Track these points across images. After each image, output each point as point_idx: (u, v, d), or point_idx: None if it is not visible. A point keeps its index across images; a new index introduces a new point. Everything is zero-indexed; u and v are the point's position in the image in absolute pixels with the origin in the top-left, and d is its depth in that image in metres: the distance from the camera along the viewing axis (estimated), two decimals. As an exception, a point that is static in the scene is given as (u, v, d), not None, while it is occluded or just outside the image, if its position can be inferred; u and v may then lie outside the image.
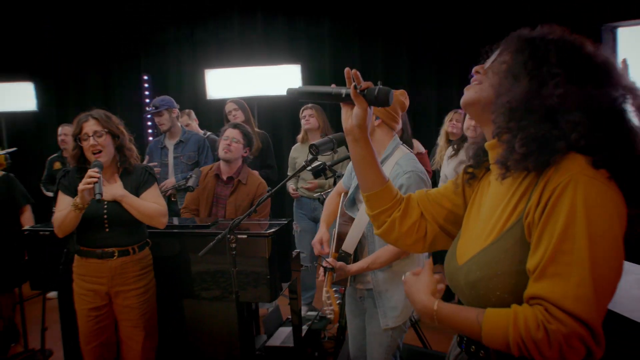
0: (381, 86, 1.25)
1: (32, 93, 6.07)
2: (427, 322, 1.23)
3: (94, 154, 2.51)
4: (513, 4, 5.31)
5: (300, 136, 4.63)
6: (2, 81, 6.09)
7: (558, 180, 1.02)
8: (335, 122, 4.29)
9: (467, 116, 3.61)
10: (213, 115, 6.11)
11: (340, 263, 2.19)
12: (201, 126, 5.63)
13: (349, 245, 2.29)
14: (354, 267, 2.20)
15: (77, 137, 2.54)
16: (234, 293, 2.36)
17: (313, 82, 6.15)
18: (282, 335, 3.48)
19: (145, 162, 4.43)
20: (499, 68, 1.16)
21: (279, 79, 5.80)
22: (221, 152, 3.46)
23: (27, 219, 4.04)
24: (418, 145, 4.15)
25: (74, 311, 2.66)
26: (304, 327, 3.46)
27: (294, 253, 3.19)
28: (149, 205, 2.59)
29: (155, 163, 4.39)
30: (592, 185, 1.00)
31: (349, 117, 1.30)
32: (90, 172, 2.39)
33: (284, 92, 4.65)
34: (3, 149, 5.20)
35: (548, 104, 1.05)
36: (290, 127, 6.33)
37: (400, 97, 2.29)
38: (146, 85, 6.85)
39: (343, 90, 1.29)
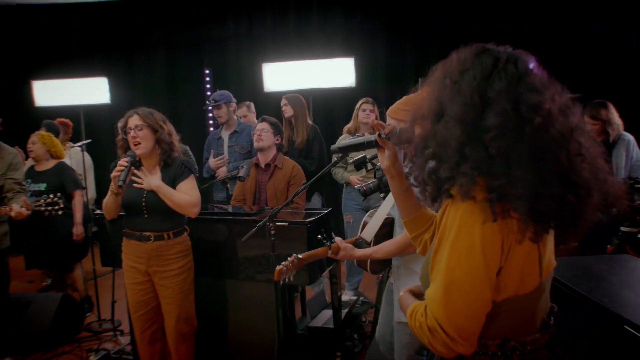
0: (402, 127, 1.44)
1: (106, 87, 6.51)
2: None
3: (134, 145, 2.81)
4: None
5: (349, 127, 4.81)
6: (80, 77, 6.63)
7: (445, 203, 1.21)
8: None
9: None
10: (271, 107, 6.38)
11: (347, 245, 2.38)
12: (258, 118, 5.93)
13: (367, 234, 2.49)
14: (359, 252, 2.39)
15: (124, 129, 2.86)
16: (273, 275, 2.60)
17: (366, 76, 6.32)
18: (324, 317, 3.73)
19: (212, 156, 4.76)
20: None
21: (333, 72, 5.96)
22: (255, 144, 3.81)
23: (77, 203, 4.49)
24: None
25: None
26: (345, 311, 3.69)
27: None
28: (181, 196, 2.85)
29: (222, 156, 4.70)
30: (463, 208, 1.16)
31: (383, 159, 1.51)
32: (121, 161, 2.73)
33: (337, 85, 4.88)
34: (80, 139, 5.67)
35: None
36: (345, 119, 6.52)
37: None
38: (207, 78, 7.24)
39: (373, 138, 1.49)
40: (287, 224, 3.00)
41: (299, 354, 3.45)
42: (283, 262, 2.29)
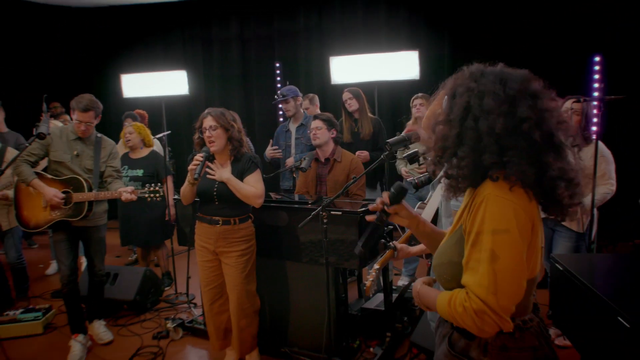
0: (392, 190, 1.65)
1: (185, 80, 6.97)
2: (417, 303, 1.65)
3: (209, 143, 3.17)
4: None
5: (410, 122, 4.98)
6: (162, 70, 7.16)
7: (477, 199, 1.38)
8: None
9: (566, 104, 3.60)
10: (338, 99, 6.61)
11: (402, 245, 2.58)
12: (326, 109, 6.17)
13: None
14: (415, 248, 2.58)
15: (200, 129, 3.22)
16: (324, 259, 2.89)
17: (430, 69, 6.41)
18: (378, 300, 3.97)
19: (270, 146, 5.11)
20: None
21: (398, 65, 6.08)
22: (312, 141, 4.06)
23: (169, 188, 4.96)
24: None
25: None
26: (396, 295, 3.92)
27: (387, 228, 3.63)
28: (248, 188, 3.18)
29: (276, 147, 5.04)
30: (496, 202, 1.34)
31: (400, 219, 1.70)
32: (197, 156, 3.11)
33: (402, 77, 5.05)
34: (161, 128, 6.17)
35: None
36: (408, 111, 6.65)
37: None
38: (277, 71, 7.57)
39: (383, 218, 1.67)
40: (340, 213, 3.25)
41: (352, 333, 3.72)
42: (370, 278, 2.55)
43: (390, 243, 2.50)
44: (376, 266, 2.59)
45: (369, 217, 1.70)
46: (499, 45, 6.27)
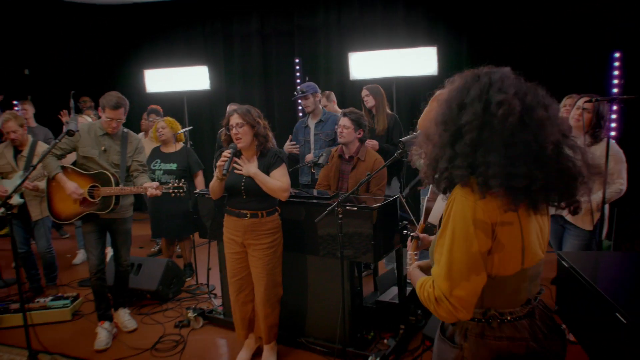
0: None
1: (206, 75, 7.12)
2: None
3: (236, 140, 3.28)
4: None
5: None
6: (184, 66, 7.31)
7: (450, 198, 1.52)
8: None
9: (578, 103, 3.61)
10: (357, 94, 6.68)
11: (423, 234, 2.68)
12: (345, 104, 6.26)
13: (433, 218, 2.77)
14: (432, 238, 2.67)
15: (227, 126, 3.34)
16: (339, 252, 3.00)
17: (449, 65, 6.44)
18: (392, 293, 4.07)
19: (289, 141, 5.22)
20: None
21: (417, 61, 6.11)
22: (338, 138, 4.13)
23: (200, 182, 5.12)
24: None
25: (226, 255, 3.55)
26: (410, 288, 4.01)
27: (402, 224, 3.73)
28: (274, 182, 3.29)
29: (294, 142, 5.15)
30: (461, 202, 1.47)
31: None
32: (224, 153, 3.22)
33: (420, 73, 5.12)
34: (183, 121, 6.33)
35: None
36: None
37: None
38: (297, 67, 7.67)
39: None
40: (356, 208, 3.36)
41: (367, 325, 3.83)
42: (409, 261, 2.66)
43: (413, 234, 2.59)
44: (412, 252, 2.67)
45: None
46: (518, 41, 6.27)
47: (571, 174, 1.46)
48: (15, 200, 4.64)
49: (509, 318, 1.54)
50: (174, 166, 5.05)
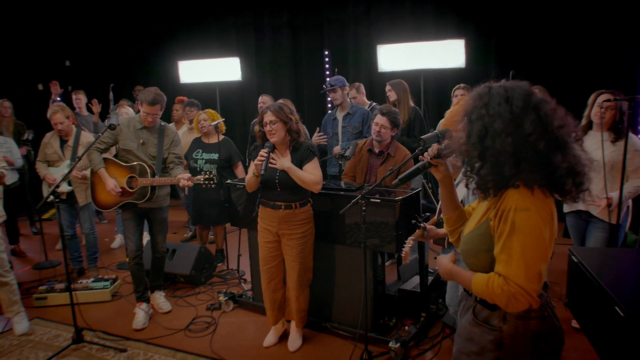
0: (442, 147, 1.92)
1: (237, 66, 7.31)
2: (445, 278, 1.94)
3: (270, 136, 3.44)
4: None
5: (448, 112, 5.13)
6: (217, 57, 7.53)
7: (506, 205, 1.64)
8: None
9: (598, 100, 3.65)
10: (385, 86, 6.82)
11: (432, 227, 2.81)
12: (374, 96, 6.37)
13: None
14: (441, 231, 2.80)
15: (261, 123, 3.51)
16: (362, 243, 3.17)
17: (477, 58, 6.50)
18: (414, 282, 4.22)
19: (316, 133, 5.38)
20: None
21: (444, 53, 6.16)
22: (373, 135, 4.23)
23: (240, 172, 5.32)
24: None
25: (257, 242, 3.74)
26: (432, 278, 4.15)
27: (424, 215, 3.87)
28: (307, 175, 3.45)
29: (321, 134, 5.31)
30: (524, 207, 1.61)
31: (437, 172, 1.98)
32: (261, 152, 3.38)
33: (448, 66, 5.20)
34: (217, 113, 6.53)
35: None
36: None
37: None
38: (326, 59, 7.78)
39: (426, 162, 1.97)
40: (379, 200, 3.51)
41: (389, 312, 3.99)
42: (404, 248, 2.81)
43: (421, 224, 2.73)
44: (411, 237, 2.82)
45: (421, 157, 2.00)
46: (548, 36, 6.27)
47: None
48: (64, 187, 4.93)
49: (540, 299, 1.71)
50: (215, 156, 5.23)
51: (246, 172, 3.82)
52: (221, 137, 5.33)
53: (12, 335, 4.11)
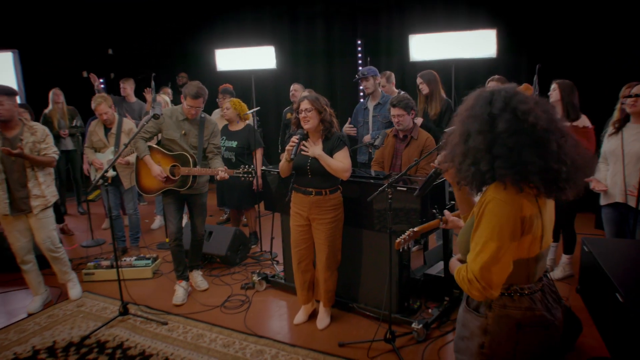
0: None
1: (272, 55, 7.48)
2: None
3: (304, 122, 3.65)
4: None
5: None
6: (252, 46, 7.72)
7: (483, 199, 1.80)
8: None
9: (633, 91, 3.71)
10: (416, 76, 6.91)
11: (454, 218, 2.95)
12: (406, 86, 6.48)
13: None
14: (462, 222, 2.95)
15: (297, 110, 3.72)
16: (388, 228, 3.37)
17: (509, 48, 6.53)
18: (439, 267, 4.40)
19: (348, 123, 5.55)
20: None
21: (476, 43, 6.20)
22: (396, 126, 4.45)
23: (258, 159, 5.56)
24: (584, 120, 4.39)
25: (289, 227, 3.96)
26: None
27: (449, 204, 4.03)
28: (336, 163, 3.64)
29: (351, 125, 5.48)
30: (495, 201, 1.75)
31: (448, 176, 2.11)
32: (293, 138, 3.60)
33: (479, 56, 5.26)
34: (250, 100, 6.75)
35: None
36: (485, 88, 6.81)
37: (526, 91, 2.91)
38: (359, 48, 7.90)
39: (435, 169, 2.20)
40: (405, 189, 3.68)
41: (414, 295, 4.18)
42: (402, 235, 2.90)
43: (438, 215, 2.88)
44: (415, 229, 2.93)
45: (433, 164, 2.19)
46: (581, 28, 6.25)
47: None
48: (110, 172, 5.28)
49: (527, 292, 1.85)
50: (234, 144, 5.51)
51: (271, 159, 4.03)
52: (244, 124, 5.57)
53: (65, 306, 4.49)
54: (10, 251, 4.35)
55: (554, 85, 4.42)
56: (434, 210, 2.96)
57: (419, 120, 4.96)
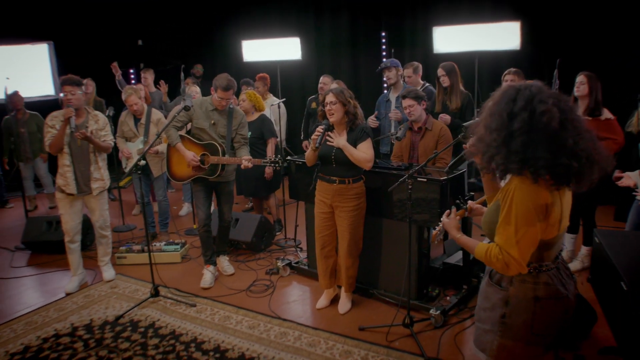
0: None
1: (298, 46, 7.61)
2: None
3: (330, 115, 3.81)
4: None
5: None
6: (278, 37, 7.86)
7: (510, 186, 1.94)
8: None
9: None
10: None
11: (478, 206, 3.06)
12: (429, 77, 6.52)
13: None
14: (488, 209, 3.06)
15: (322, 103, 3.86)
16: (408, 218, 3.49)
17: (533, 40, 6.53)
18: (458, 256, 4.50)
19: (374, 115, 5.64)
20: None
21: (500, 35, 6.20)
22: (409, 117, 4.55)
23: (270, 150, 5.71)
24: (606, 113, 4.43)
25: (314, 214, 4.13)
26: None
27: (469, 195, 4.13)
28: (359, 153, 3.78)
29: (374, 119, 5.58)
30: (521, 190, 1.90)
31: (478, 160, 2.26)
32: (317, 128, 3.76)
33: (502, 48, 5.31)
34: (277, 90, 6.90)
35: None
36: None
37: None
38: (383, 40, 7.97)
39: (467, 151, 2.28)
40: (425, 180, 3.80)
41: (433, 283, 4.31)
42: (437, 228, 2.93)
43: (463, 205, 2.99)
44: (445, 218, 3.04)
45: (465, 146, 2.32)
46: (608, 20, 6.22)
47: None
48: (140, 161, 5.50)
49: (544, 269, 2.02)
50: (249, 134, 5.66)
51: (296, 149, 4.16)
52: (258, 114, 5.72)
53: (100, 287, 4.74)
54: (48, 235, 4.58)
55: (582, 79, 4.41)
56: (458, 201, 3.06)
57: (447, 119, 5.02)
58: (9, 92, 6.96)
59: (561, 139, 1.85)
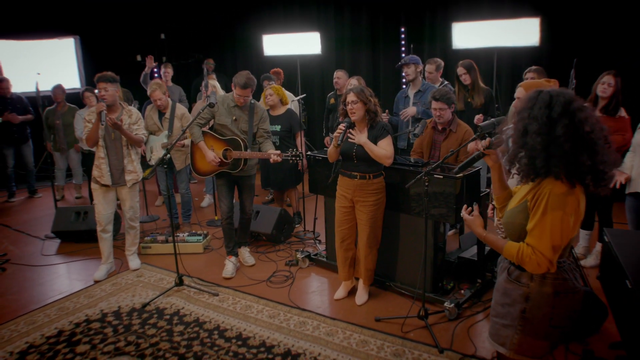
0: (492, 139, 2.33)
1: (317, 41, 7.69)
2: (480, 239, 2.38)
3: (351, 114, 3.92)
4: None
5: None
6: (298, 31, 7.96)
7: (542, 191, 2.03)
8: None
9: None
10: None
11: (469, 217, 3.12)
12: (448, 73, 6.57)
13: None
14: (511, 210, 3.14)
15: (344, 102, 3.98)
16: (424, 213, 3.61)
17: (552, 36, 6.55)
18: (473, 251, 4.60)
19: (386, 113, 5.71)
20: None
21: (519, 31, 6.18)
22: (436, 119, 4.61)
23: (299, 143, 5.85)
24: (622, 112, 4.46)
25: (333, 208, 4.26)
26: (489, 248, 4.51)
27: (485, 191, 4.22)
28: (379, 150, 3.90)
29: (386, 114, 5.64)
30: (557, 195, 1.99)
31: (489, 160, 2.41)
32: (340, 126, 3.88)
33: (522, 44, 5.36)
34: (296, 84, 7.02)
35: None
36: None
37: (553, 85, 3.07)
38: (402, 36, 8.01)
39: (479, 152, 2.42)
40: (442, 176, 3.91)
41: (448, 276, 4.41)
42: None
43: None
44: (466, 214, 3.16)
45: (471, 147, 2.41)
46: (630, 17, 6.21)
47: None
48: (162, 154, 5.66)
49: (562, 265, 2.13)
50: (277, 127, 5.79)
51: (315, 142, 4.26)
52: (285, 108, 5.85)
53: (126, 276, 4.94)
54: (76, 225, 4.76)
55: (610, 79, 4.41)
56: (472, 206, 3.17)
57: (480, 118, 5.04)
58: (40, 87, 7.19)
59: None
